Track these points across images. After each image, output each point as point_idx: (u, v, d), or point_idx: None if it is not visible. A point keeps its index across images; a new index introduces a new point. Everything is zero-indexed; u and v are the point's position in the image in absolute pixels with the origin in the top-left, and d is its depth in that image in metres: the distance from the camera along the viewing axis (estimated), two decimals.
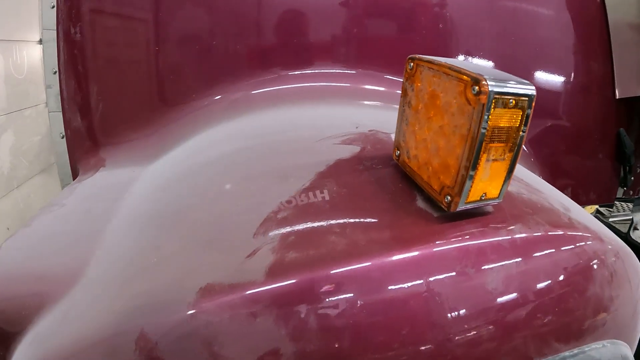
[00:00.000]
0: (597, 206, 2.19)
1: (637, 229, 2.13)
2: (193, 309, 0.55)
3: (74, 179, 1.57)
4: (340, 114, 1.16)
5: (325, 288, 0.55)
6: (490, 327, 0.57)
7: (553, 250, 0.61)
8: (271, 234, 0.63)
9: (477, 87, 0.51)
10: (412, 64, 0.65)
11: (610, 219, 2.24)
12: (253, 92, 1.32)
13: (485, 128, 0.51)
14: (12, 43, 3.01)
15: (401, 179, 0.72)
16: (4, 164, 2.87)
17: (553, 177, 1.58)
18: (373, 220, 0.65)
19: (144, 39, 1.39)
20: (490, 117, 0.50)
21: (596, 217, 2.33)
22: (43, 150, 3.35)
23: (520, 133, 0.54)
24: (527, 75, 1.51)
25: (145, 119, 1.45)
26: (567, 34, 1.56)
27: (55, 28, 1.50)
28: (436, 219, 0.63)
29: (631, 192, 1.87)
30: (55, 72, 1.51)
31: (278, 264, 0.57)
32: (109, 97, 1.49)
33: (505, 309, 0.57)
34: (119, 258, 0.78)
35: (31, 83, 3.38)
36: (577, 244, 0.62)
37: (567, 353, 0.61)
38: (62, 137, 1.55)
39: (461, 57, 1.44)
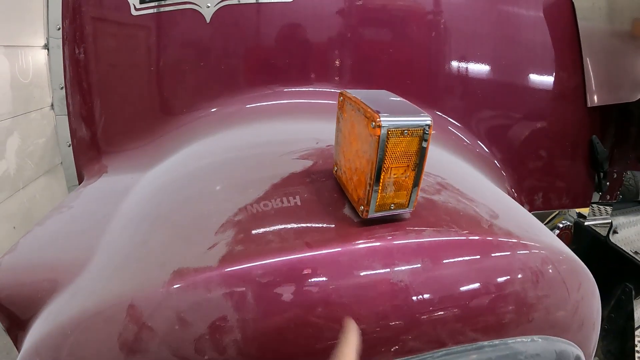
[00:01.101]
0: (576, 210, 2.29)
1: (617, 232, 2.23)
2: (167, 286, 0.70)
3: (79, 183, 1.71)
4: (313, 129, 1.29)
5: (260, 274, 0.70)
6: (397, 317, 0.68)
7: (463, 252, 0.71)
8: (227, 232, 0.78)
9: (374, 122, 0.63)
10: (341, 97, 0.79)
11: (590, 222, 2.33)
12: (247, 106, 1.43)
13: (381, 155, 0.63)
14: (17, 48, 3.11)
15: (336, 190, 0.88)
16: (10, 166, 2.98)
17: (523, 180, 1.67)
18: (305, 222, 0.81)
19: (143, 58, 1.50)
20: (387, 145, 0.61)
21: (577, 220, 2.42)
22: (48, 152, 3.45)
23: (419, 155, 0.66)
24: (501, 81, 1.59)
25: (143, 130, 1.57)
26: (543, 42, 1.64)
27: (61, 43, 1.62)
28: (355, 224, 0.77)
29: (607, 197, 1.96)
30: (62, 88, 1.65)
31: (229, 255, 0.72)
32: (110, 110, 1.62)
33: (409, 301, 0.68)
34: (117, 251, 0.92)
35: (36, 87, 3.47)
36: (490, 248, 0.72)
37: (486, 343, 0.71)
38: (69, 146, 1.70)
39: (450, 64, 1.52)
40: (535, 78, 1.66)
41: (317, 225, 0.78)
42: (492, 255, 0.74)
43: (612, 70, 1.59)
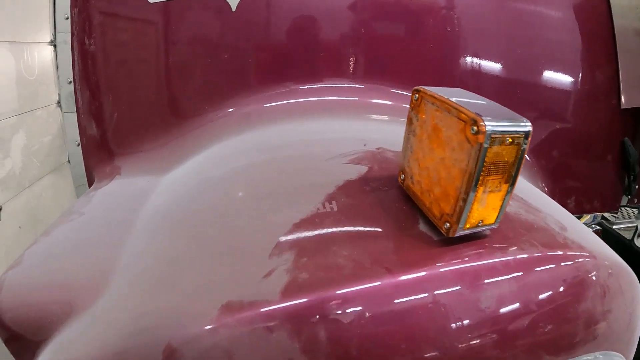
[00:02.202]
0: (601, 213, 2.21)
1: None
2: (215, 324, 0.59)
3: (89, 185, 1.61)
4: (349, 129, 1.19)
5: (334, 307, 0.59)
6: (484, 341, 0.61)
7: (545, 269, 0.65)
8: (285, 256, 0.67)
9: (475, 127, 0.55)
10: (417, 95, 0.69)
11: (615, 226, 2.26)
12: (265, 105, 1.35)
13: (482, 165, 0.55)
14: (22, 44, 3.05)
15: (404, 201, 0.77)
16: (15, 164, 2.92)
17: (557, 184, 1.60)
18: (378, 242, 0.70)
19: (157, 51, 1.40)
20: (487, 154, 0.54)
21: (601, 223, 2.35)
22: (54, 150, 3.39)
23: (516, 166, 0.58)
24: (533, 81, 1.52)
25: (158, 130, 1.47)
26: (574, 41, 1.56)
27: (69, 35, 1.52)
28: (436, 243, 0.68)
29: (635, 200, 1.89)
30: (70, 82, 1.53)
31: (292, 284, 0.62)
32: (123, 107, 1.52)
33: (497, 325, 0.61)
34: (143, 270, 0.82)
35: (42, 84, 3.40)
36: (569, 263, 0.65)
37: None
38: (78, 145, 1.59)
39: (470, 60, 1.45)
40: (566, 78, 1.58)
41: (391, 245, 0.69)
42: (569, 271, 0.67)
43: None
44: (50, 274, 0.95)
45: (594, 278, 0.66)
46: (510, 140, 0.56)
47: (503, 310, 0.61)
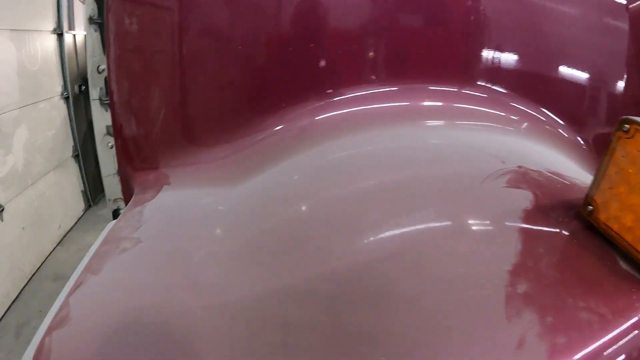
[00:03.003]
0: None
1: None
2: None
3: (124, 195, 1.28)
4: (458, 139, 1.01)
5: None
6: None
7: None
8: (525, 316, 0.55)
9: None
10: (628, 126, 0.61)
11: None
12: (373, 106, 1.13)
13: None
14: (24, 33, 2.87)
15: (594, 236, 0.68)
16: (18, 161, 2.75)
17: None
18: (595, 287, 0.60)
19: (229, 29, 1.15)
20: None
21: None
22: (58, 145, 3.22)
23: None
24: (566, 82, 1.41)
25: (221, 131, 1.19)
26: (621, 43, 1.48)
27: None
28: None
29: None
30: (102, 71, 1.19)
31: (555, 352, 0.51)
32: (174, 103, 1.20)
33: None
34: (267, 333, 0.61)
35: (45, 75, 3.17)
36: None
37: None
38: (111, 147, 1.25)
39: (510, 56, 1.32)
40: (617, 83, 1.49)
41: (614, 283, 0.60)
42: None
43: None
44: (110, 333, 0.68)
45: None
46: None
47: None
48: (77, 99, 3.33)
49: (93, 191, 3.53)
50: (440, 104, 1.22)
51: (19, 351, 2.18)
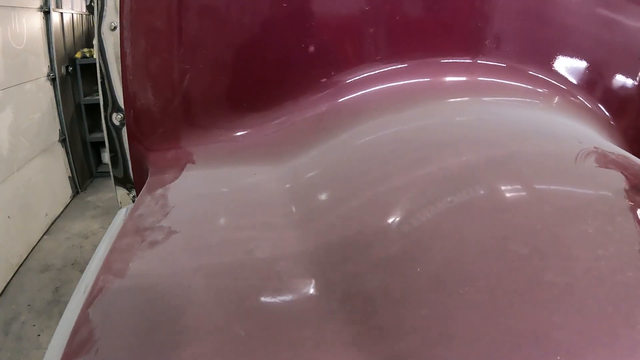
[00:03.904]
0: None
1: None
2: None
3: (135, 179, 1.13)
4: (519, 117, 0.98)
5: None
6: None
7: None
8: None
9: None
10: None
11: None
12: (416, 80, 1.07)
13: None
14: (10, 9, 2.67)
15: None
16: (2, 145, 2.59)
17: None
18: None
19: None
20: None
21: None
22: (44, 128, 3.03)
23: None
24: (580, 54, 1.39)
25: (247, 113, 1.08)
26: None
27: None
28: None
29: None
30: (114, 28, 1.01)
31: None
32: (201, 68, 1.04)
33: None
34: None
35: (31, 54, 2.97)
36: None
37: None
38: (120, 121, 1.08)
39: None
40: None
41: None
42: None
43: None
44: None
45: None
46: None
47: None
48: (63, 80, 3.16)
49: (80, 177, 3.39)
50: (464, 78, 1.16)
51: (9, 348, 2.08)
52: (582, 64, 1.37)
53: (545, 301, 0.52)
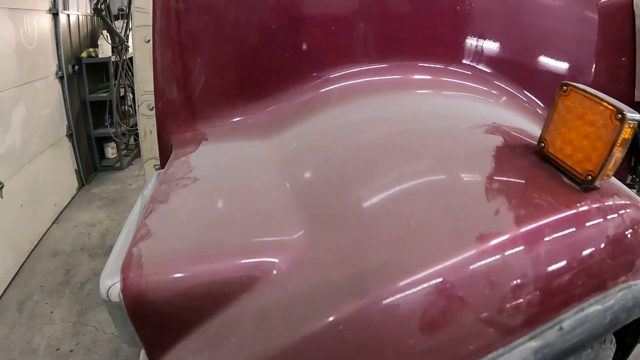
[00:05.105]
0: None
1: None
2: (479, 252, 0.76)
3: (160, 152, 1.44)
4: (450, 104, 1.29)
5: (549, 230, 0.78)
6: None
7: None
8: (498, 199, 0.85)
9: (620, 115, 0.80)
10: (565, 88, 0.94)
11: None
12: (385, 77, 1.38)
13: (618, 138, 0.79)
14: (22, 12, 2.85)
15: (544, 163, 1.01)
16: (15, 139, 2.77)
17: None
18: (551, 188, 0.89)
19: (263, 9, 1.36)
20: (623, 132, 0.82)
21: None
22: (54, 124, 3.22)
23: (628, 141, 0.84)
24: (546, 69, 1.64)
25: (246, 103, 1.43)
26: (590, 35, 1.69)
27: None
28: (581, 189, 0.91)
29: (637, 180, 2.09)
30: (148, 41, 1.38)
31: (518, 217, 0.80)
32: (212, 71, 1.43)
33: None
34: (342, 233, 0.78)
35: (41, 54, 3.19)
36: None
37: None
38: (151, 109, 1.44)
39: (486, 42, 1.54)
40: (582, 68, 1.72)
41: (560, 190, 0.87)
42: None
43: None
44: (196, 247, 0.80)
45: None
46: (632, 125, 0.82)
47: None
48: (70, 78, 3.34)
49: (86, 170, 3.56)
50: (429, 77, 1.49)
51: (23, 324, 2.22)
52: (533, 74, 1.63)
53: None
